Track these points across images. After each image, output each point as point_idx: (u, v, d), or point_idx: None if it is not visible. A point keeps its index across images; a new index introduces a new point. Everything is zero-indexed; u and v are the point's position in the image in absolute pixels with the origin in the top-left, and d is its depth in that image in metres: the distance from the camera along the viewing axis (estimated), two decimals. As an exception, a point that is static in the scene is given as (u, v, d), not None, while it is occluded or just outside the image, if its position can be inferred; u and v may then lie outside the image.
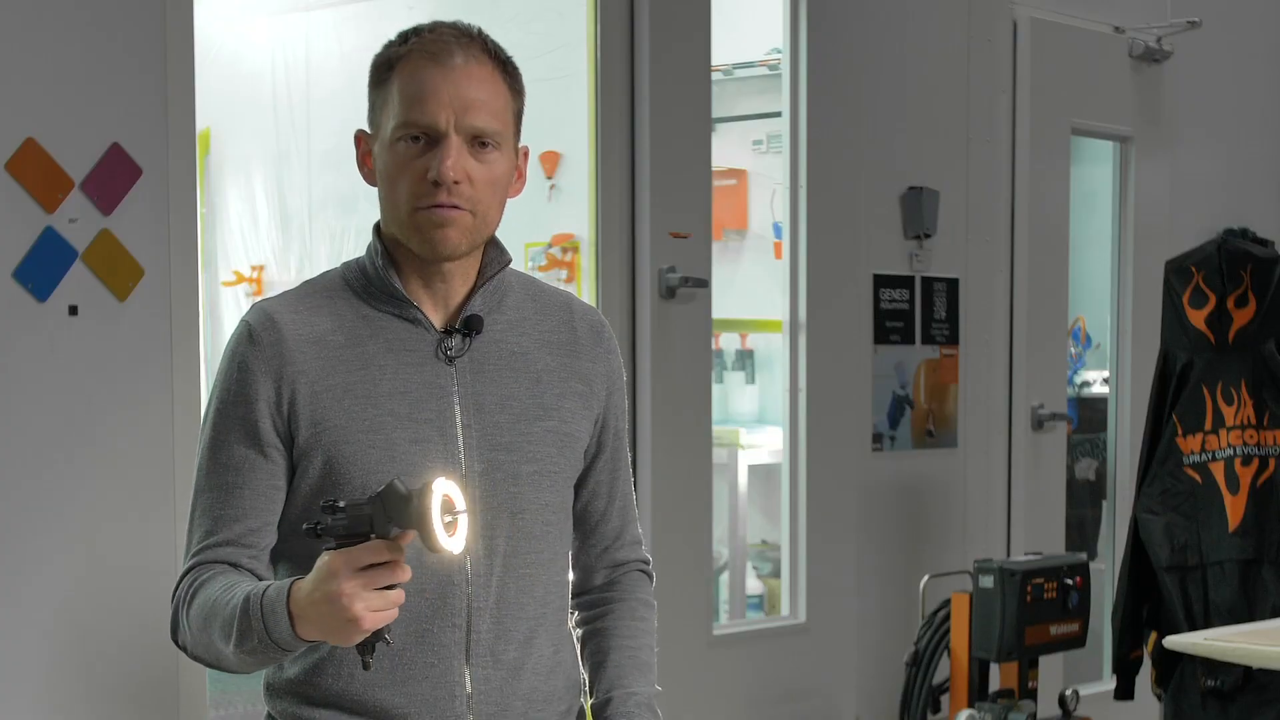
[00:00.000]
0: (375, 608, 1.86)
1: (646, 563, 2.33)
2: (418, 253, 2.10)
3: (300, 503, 2.10)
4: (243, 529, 2.09)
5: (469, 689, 2.10)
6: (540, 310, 2.21)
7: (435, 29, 2.10)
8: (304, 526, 1.89)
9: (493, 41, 2.12)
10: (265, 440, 2.08)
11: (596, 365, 2.22)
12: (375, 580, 1.86)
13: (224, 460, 2.09)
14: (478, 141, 2.07)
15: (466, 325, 2.13)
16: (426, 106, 2.04)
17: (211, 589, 2.04)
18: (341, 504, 1.86)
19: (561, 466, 2.16)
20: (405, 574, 1.87)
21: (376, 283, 2.13)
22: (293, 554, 2.13)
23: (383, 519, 1.84)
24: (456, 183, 2.05)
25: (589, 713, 2.23)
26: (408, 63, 2.07)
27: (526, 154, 2.17)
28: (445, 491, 1.83)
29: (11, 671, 3.32)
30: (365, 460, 2.06)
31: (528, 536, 2.12)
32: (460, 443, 2.10)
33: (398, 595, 1.88)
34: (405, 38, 2.10)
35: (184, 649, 2.11)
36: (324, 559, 1.87)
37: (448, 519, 1.83)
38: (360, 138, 2.16)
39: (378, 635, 1.89)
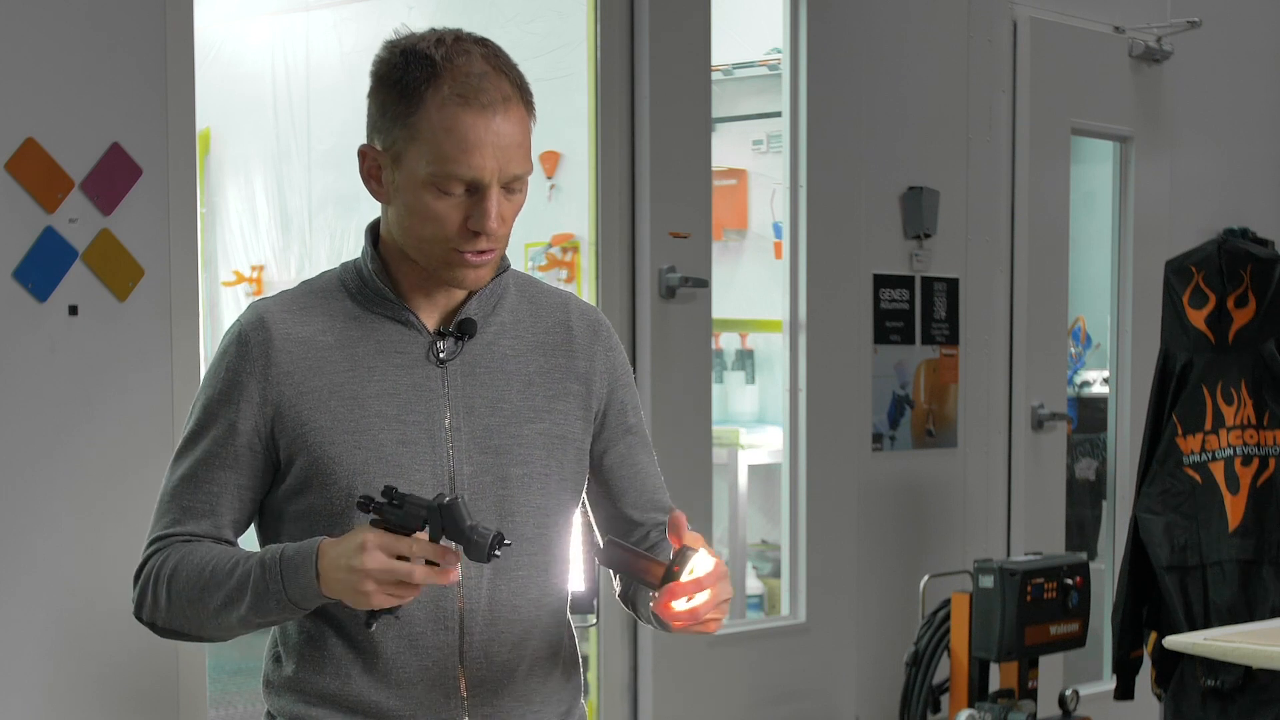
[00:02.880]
0: (389, 592, 1.92)
1: None
2: (442, 280, 2.11)
3: (283, 501, 2.11)
4: (210, 525, 2.11)
5: (464, 691, 2.11)
6: (536, 312, 2.20)
7: (464, 62, 2.01)
8: (359, 498, 1.94)
9: (507, 62, 2.07)
10: (245, 442, 2.09)
11: (594, 363, 2.21)
12: (398, 571, 1.91)
13: (200, 454, 2.11)
14: (511, 185, 2.06)
15: (459, 329, 2.13)
16: (471, 161, 2.00)
17: (202, 556, 2.07)
18: (403, 493, 1.93)
19: (553, 469, 2.15)
20: (445, 576, 1.93)
21: (371, 284, 2.14)
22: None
23: (437, 528, 1.92)
24: (497, 229, 2.05)
25: (592, 713, 2.23)
26: (442, 106, 2.00)
27: None
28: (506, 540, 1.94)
29: (11, 671, 3.32)
30: (350, 461, 2.07)
31: (519, 539, 2.11)
32: (448, 445, 2.10)
33: (413, 591, 1.93)
34: (432, 69, 2.01)
35: (152, 624, 2.14)
36: (363, 533, 1.92)
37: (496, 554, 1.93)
38: (365, 152, 2.10)
39: (391, 610, 1.97)
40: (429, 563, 1.92)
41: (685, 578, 1.94)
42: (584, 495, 2.25)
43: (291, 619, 2.08)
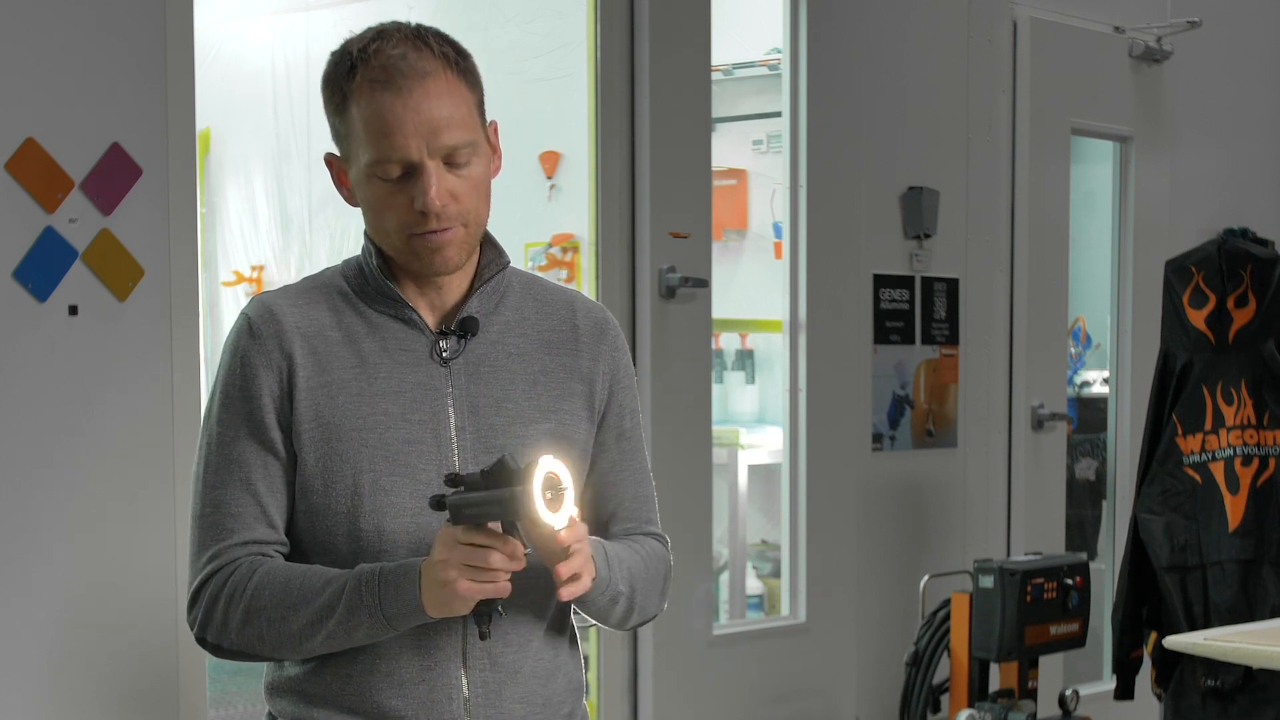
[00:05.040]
0: (470, 577, 1.93)
1: (664, 541, 2.31)
2: (416, 271, 2.11)
3: (294, 498, 2.10)
4: (266, 528, 2.08)
5: (466, 692, 2.10)
6: (541, 310, 2.19)
7: (378, 48, 2.03)
8: (431, 498, 1.96)
9: (435, 37, 2.07)
10: (272, 435, 2.07)
11: (599, 363, 2.20)
12: (473, 555, 1.93)
13: (235, 456, 2.08)
14: (453, 157, 2.06)
15: (462, 327, 2.13)
16: (394, 141, 2.01)
17: (287, 574, 2.04)
18: (462, 474, 1.96)
19: None
20: (509, 557, 1.94)
21: (373, 283, 2.13)
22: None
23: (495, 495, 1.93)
24: (443, 205, 2.04)
25: (592, 713, 2.23)
26: (363, 94, 2.03)
27: (496, 128, 2.14)
28: (550, 469, 1.91)
29: (12, 671, 3.32)
30: (357, 459, 2.06)
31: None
32: (454, 445, 2.09)
33: (491, 576, 1.94)
34: (350, 63, 2.04)
35: (217, 647, 2.09)
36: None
37: (549, 494, 1.91)
38: (331, 161, 2.13)
39: (489, 605, 1.98)
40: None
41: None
42: None
43: (378, 639, 2.04)
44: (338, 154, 2.12)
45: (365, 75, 2.03)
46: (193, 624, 2.10)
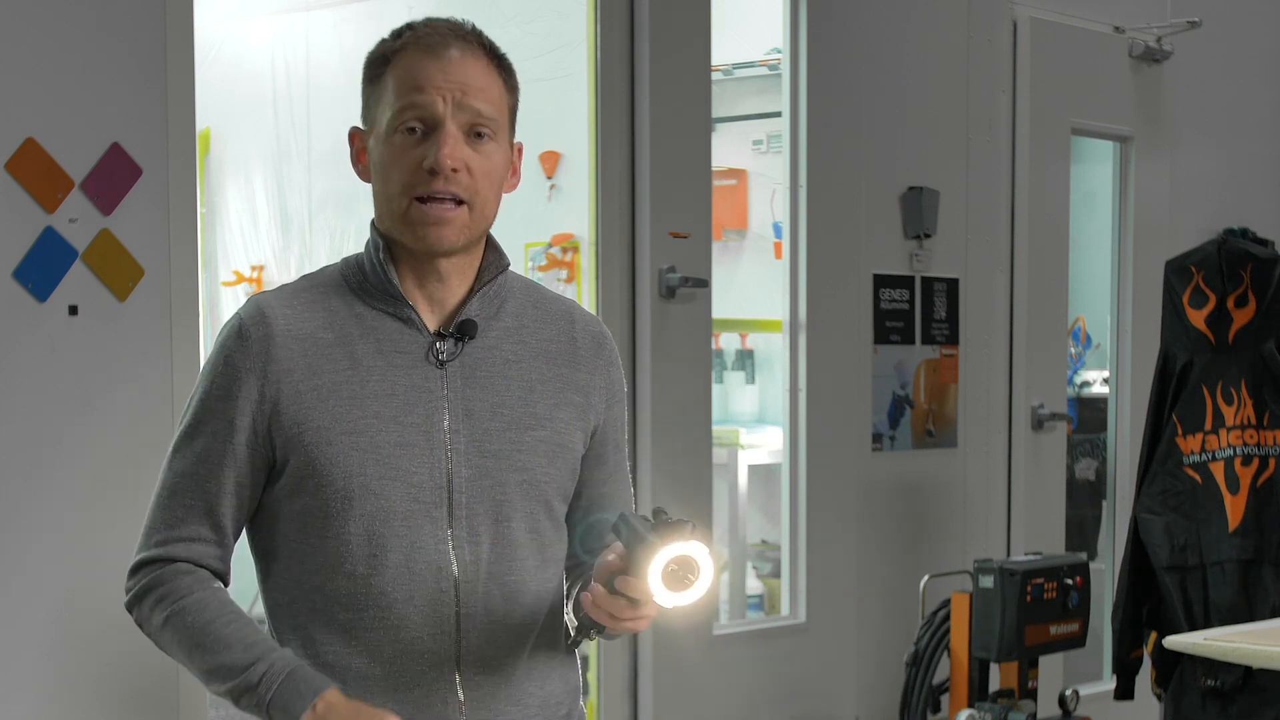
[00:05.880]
0: None
1: None
2: (411, 248, 2.10)
3: (279, 500, 2.10)
4: (210, 526, 2.10)
5: (461, 696, 2.10)
6: (540, 318, 2.19)
7: (430, 24, 2.11)
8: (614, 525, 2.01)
9: (487, 37, 2.13)
10: (243, 439, 2.08)
11: (595, 377, 2.20)
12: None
13: (200, 451, 2.09)
14: (474, 132, 2.07)
15: (460, 330, 2.12)
16: (424, 93, 2.05)
17: (212, 615, 2.06)
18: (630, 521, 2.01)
19: (551, 476, 2.14)
20: None
21: (373, 279, 2.12)
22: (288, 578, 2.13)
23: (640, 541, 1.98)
24: (454, 170, 2.05)
25: (591, 713, 2.23)
26: (403, 56, 2.08)
27: (521, 151, 2.18)
28: (690, 552, 1.97)
29: (11, 672, 3.32)
30: (347, 462, 2.05)
31: (513, 544, 2.11)
32: (447, 448, 2.09)
33: None
34: (399, 33, 2.12)
35: (138, 624, 2.14)
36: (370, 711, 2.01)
37: (674, 567, 1.96)
38: (355, 135, 2.16)
39: (589, 628, 2.09)
40: None
41: (653, 573, 1.95)
42: None
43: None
44: (362, 127, 2.15)
45: (410, 40, 2.09)
46: (127, 591, 2.13)
